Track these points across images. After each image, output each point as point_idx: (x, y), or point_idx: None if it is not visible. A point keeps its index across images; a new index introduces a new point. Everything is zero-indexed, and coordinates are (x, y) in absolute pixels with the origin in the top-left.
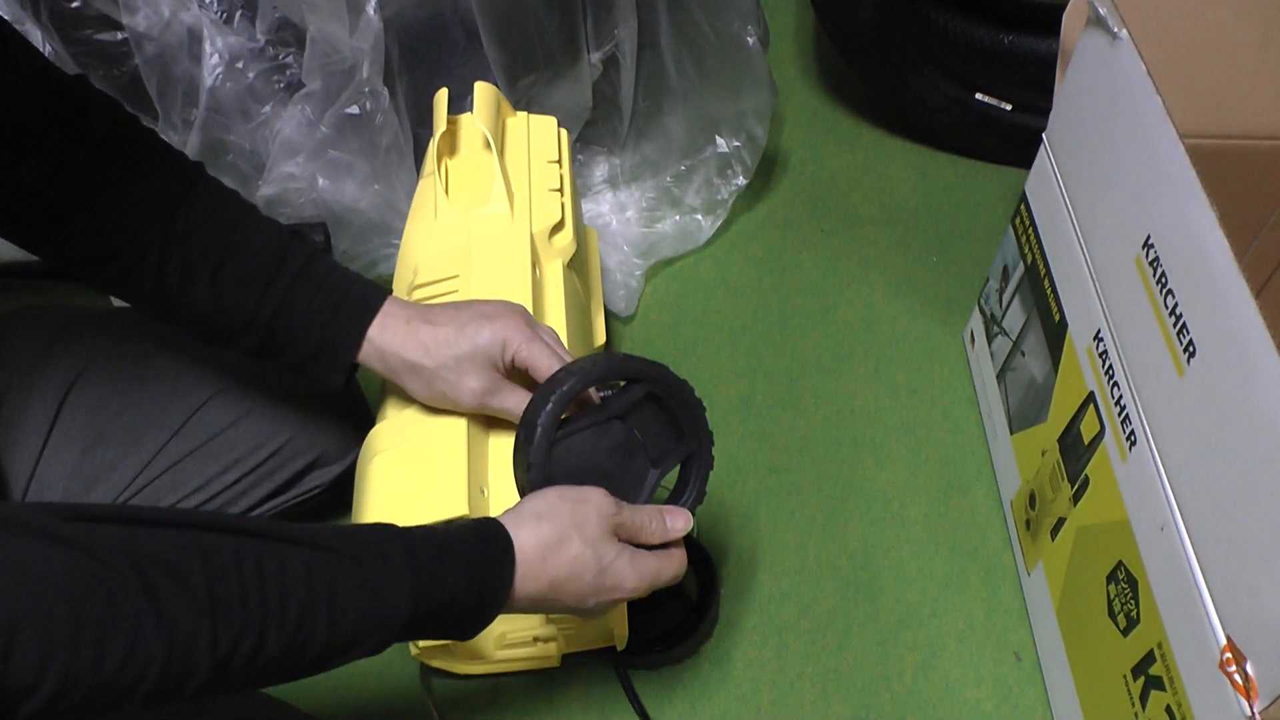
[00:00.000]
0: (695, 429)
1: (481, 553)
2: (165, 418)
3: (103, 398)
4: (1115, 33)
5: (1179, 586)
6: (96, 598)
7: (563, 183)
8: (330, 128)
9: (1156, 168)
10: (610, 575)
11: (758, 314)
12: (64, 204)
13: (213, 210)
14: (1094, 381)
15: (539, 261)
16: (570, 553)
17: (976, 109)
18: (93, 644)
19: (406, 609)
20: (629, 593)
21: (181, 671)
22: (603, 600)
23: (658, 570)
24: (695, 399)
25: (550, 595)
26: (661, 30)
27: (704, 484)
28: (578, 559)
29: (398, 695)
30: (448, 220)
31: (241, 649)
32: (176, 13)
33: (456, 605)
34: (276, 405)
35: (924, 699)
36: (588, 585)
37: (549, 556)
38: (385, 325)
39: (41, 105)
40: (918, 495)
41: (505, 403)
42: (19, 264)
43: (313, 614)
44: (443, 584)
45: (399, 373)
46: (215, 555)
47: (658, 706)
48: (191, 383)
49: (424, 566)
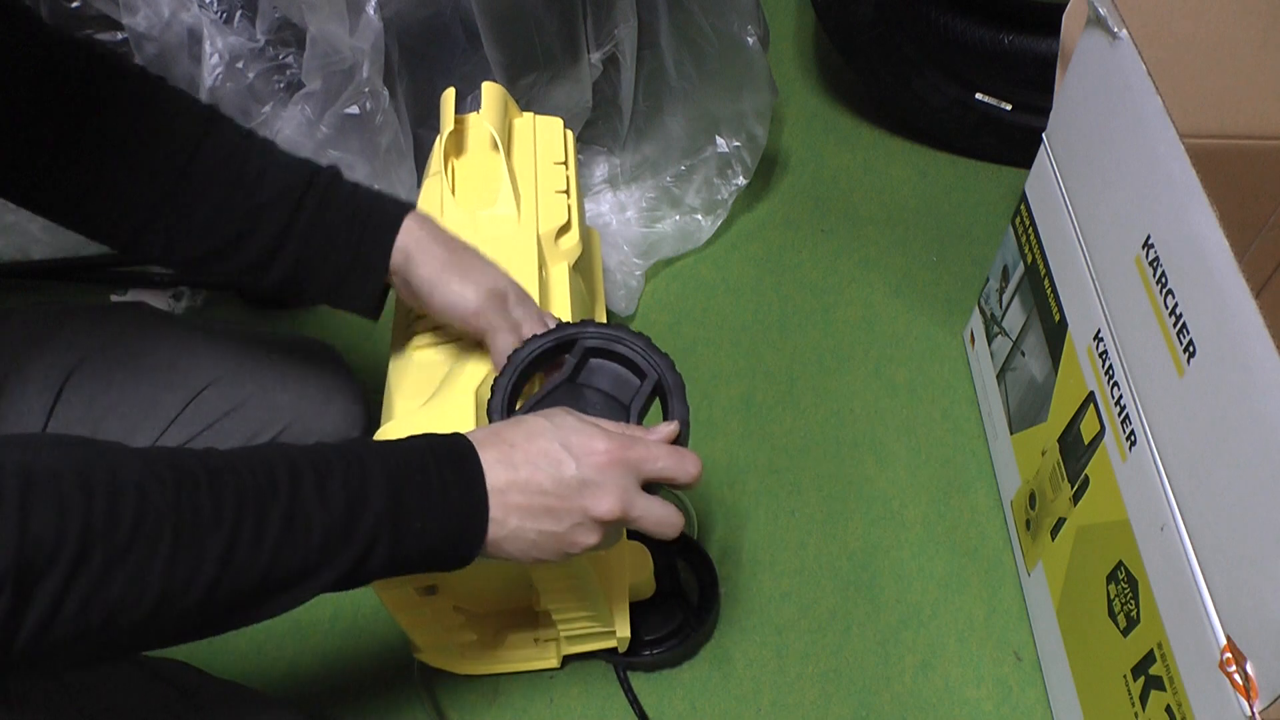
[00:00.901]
0: (649, 359)
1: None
2: (161, 408)
3: (99, 390)
4: (1115, 33)
5: (1179, 586)
6: (101, 470)
7: (569, 184)
8: (330, 128)
9: (1156, 168)
10: (575, 434)
11: (758, 314)
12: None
13: (229, 150)
14: (1094, 381)
15: (545, 263)
16: (520, 424)
17: (976, 109)
18: (103, 503)
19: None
20: (607, 454)
21: (193, 546)
22: (585, 466)
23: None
24: (633, 333)
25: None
26: (661, 30)
27: (683, 402)
28: (529, 423)
29: (398, 695)
30: (454, 220)
31: (244, 526)
32: (176, 13)
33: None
34: (272, 394)
35: (924, 699)
36: (553, 445)
37: (499, 431)
38: (421, 221)
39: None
40: (918, 495)
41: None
42: (19, 264)
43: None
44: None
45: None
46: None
47: (657, 706)
48: (187, 373)
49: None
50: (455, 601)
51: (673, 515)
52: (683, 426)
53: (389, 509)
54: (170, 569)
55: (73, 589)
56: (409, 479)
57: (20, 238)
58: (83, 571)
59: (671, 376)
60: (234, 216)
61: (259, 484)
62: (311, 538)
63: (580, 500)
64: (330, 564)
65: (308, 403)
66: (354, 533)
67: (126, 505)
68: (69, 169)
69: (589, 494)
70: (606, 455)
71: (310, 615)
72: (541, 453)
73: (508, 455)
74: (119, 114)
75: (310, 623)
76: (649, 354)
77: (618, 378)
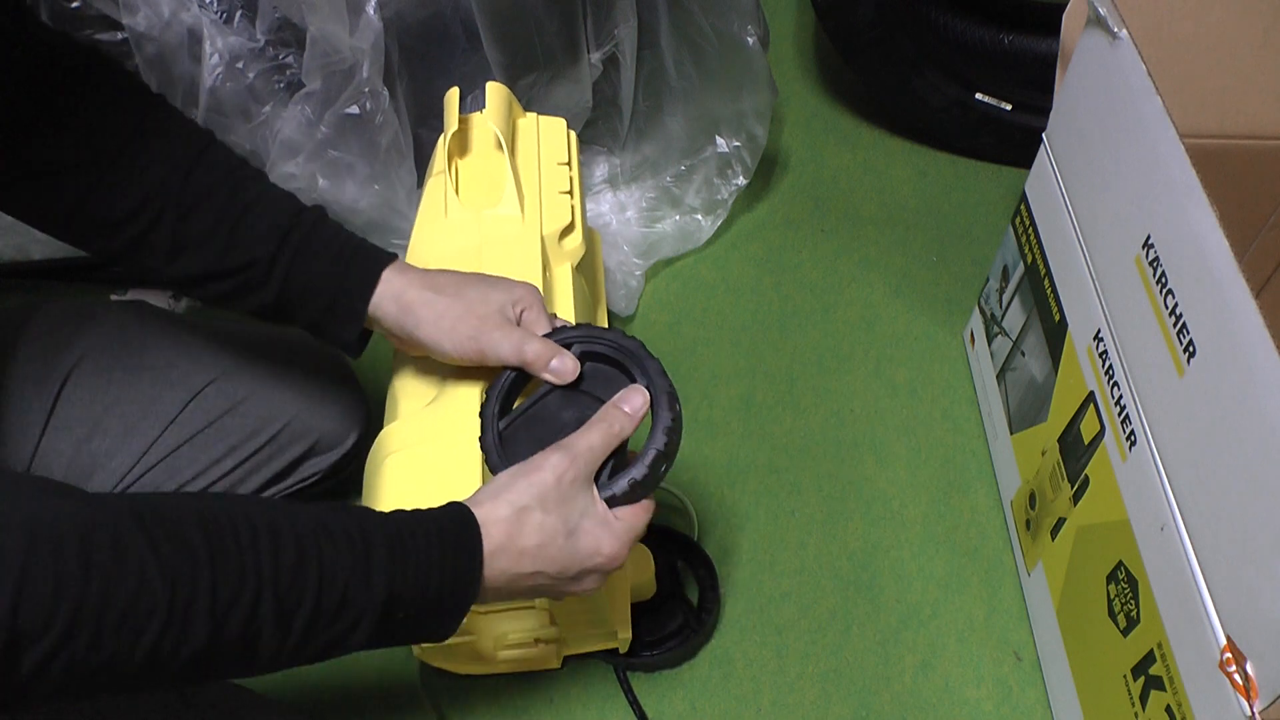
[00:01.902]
0: (639, 364)
1: (449, 528)
2: (161, 407)
3: (99, 389)
4: (1115, 33)
5: (1179, 586)
6: (103, 542)
7: (572, 185)
8: (330, 128)
9: (1156, 168)
10: (584, 537)
11: (758, 314)
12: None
13: (224, 173)
14: (1094, 381)
15: (549, 264)
16: (534, 520)
17: (976, 109)
18: (100, 584)
19: (383, 585)
20: (612, 555)
21: (181, 626)
22: (588, 568)
23: (630, 524)
24: (628, 338)
25: (528, 570)
26: (661, 30)
27: (672, 406)
28: (543, 525)
29: (398, 695)
30: (458, 220)
31: (238, 606)
32: (176, 13)
33: (430, 582)
34: (271, 393)
35: (924, 699)
36: (563, 552)
37: (513, 529)
38: (402, 269)
39: (49, 72)
40: (918, 495)
41: (501, 349)
42: (19, 264)
43: (303, 572)
44: (415, 558)
45: (414, 306)
46: (210, 515)
47: (657, 707)
48: (187, 372)
49: (396, 539)
50: None
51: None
52: (670, 433)
53: (381, 605)
54: (157, 645)
55: (59, 656)
56: (408, 579)
57: (20, 238)
58: (70, 645)
59: (661, 379)
60: (224, 241)
61: (259, 570)
62: (296, 625)
63: (570, 587)
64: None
65: (308, 400)
66: (340, 621)
67: (123, 587)
68: (64, 175)
69: (583, 581)
70: (609, 559)
71: None
72: (550, 559)
73: (515, 563)
74: (119, 122)
75: None
76: (637, 356)
77: (610, 380)
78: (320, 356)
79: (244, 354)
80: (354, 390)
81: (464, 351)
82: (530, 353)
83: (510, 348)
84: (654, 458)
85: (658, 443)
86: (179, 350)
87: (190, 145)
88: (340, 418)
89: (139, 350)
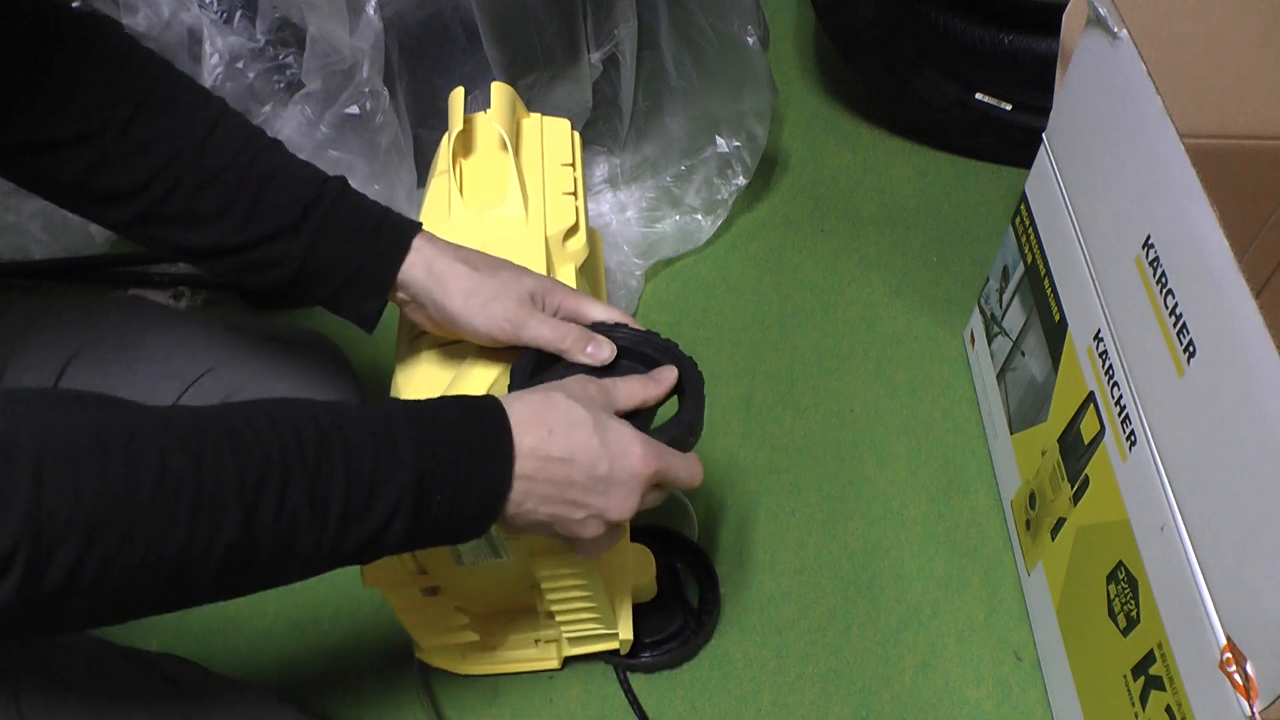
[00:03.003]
0: (675, 360)
1: (470, 403)
2: (157, 396)
3: (95, 379)
4: (1115, 33)
5: (1179, 586)
6: (119, 435)
7: (576, 186)
8: (330, 128)
9: (1156, 168)
10: (614, 434)
11: (758, 314)
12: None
13: (241, 144)
14: (1094, 381)
15: (553, 265)
16: (561, 402)
17: (976, 109)
18: (121, 469)
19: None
20: (644, 461)
21: (213, 514)
22: (618, 473)
23: (667, 450)
24: (671, 343)
25: (558, 453)
26: (661, 30)
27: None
28: (571, 411)
29: (398, 695)
30: (462, 220)
31: (267, 491)
32: (176, 13)
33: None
34: (266, 382)
35: (924, 699)
36: (593, 440)
37: (540, 406)
38: (432, 239)
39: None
40: (918, 495)
41: (540, 330)
42: (19, 264)
43: (329, 452)
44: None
45: (446, 277)
46: (222, 411)
47: (658, 707)
48: (183, 361)
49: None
50: (457, 602)
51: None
52: (695, 427)
53: (414, 484)
54: (189, 538)
55: (88, 560)
56: (437, 454)
57: (20, 238)
58: (98, 542)
59: (693, 374)
60: (243, 214)
61: (284, 451)
62: (331, 512)
63: (601, 499)
64: (350, 535)
65: (303, 391)
66: (376, 507)
67: (145, 474)
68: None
69: (612, 494)
70: (641, 461)
71: (310, 614)
72: (580, 445)
73: (545, 442)
74: (126, 92)
75: (310, 621)
76: (671, 353)
77: None
78: (318, 350)
79: (240, 345)
80: (349, 381)
81: (496, 329)
82: (568, 341)
83: (550, 330)
84: (689, 422)
85: (689, 415)
86: (175, 342)
87: (203, 114)
88: None
89: (136, 342)
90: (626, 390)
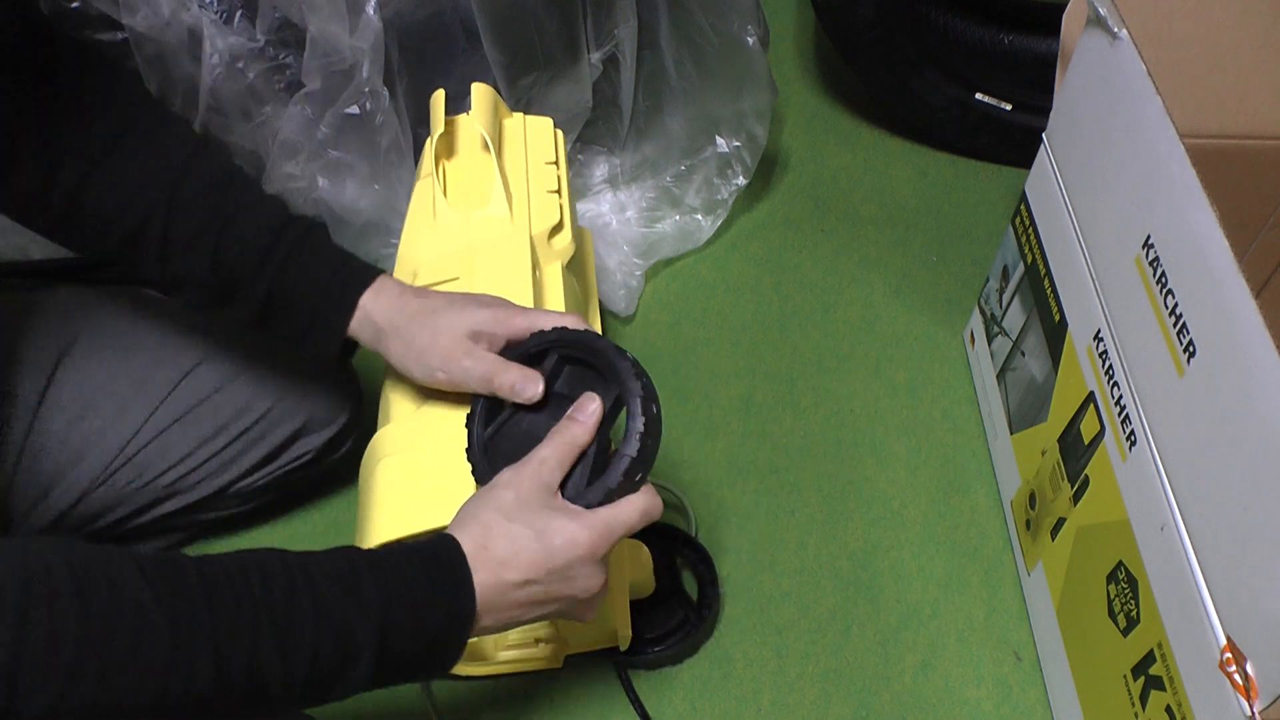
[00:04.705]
0: (610, 368)
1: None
2: (152, 386)
3: (91, 369)
4: (1115, 33)
5: (1179, 586)
6: (99, 584)
7: (560, 184)
8: (330, 128)
9: (1156, 168)
10: (555, 535)
11: (758, 314)
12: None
13: (216, 178)
14: (1094, 381)
15: (539, 263)
16: (500, 529)
17: (976, 109)
18: (100, 621)
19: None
20: (592, 545)
21: (185, 667)
22: (573, 565)
23: (607, 516)
24: (600, 339)
25: (514, 579)
26: (661, 30)
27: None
28: (510, 532)
29: (397, 694)
30: (447, 222)
31: (238, 647)
32: (176, 13)
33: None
34: (262, 371)
35: (924, 699)
36: (539, 553)
37: (482, 539)
38: (380, 291)
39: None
40: (918, 495)
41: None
42: (19, 264)
43: (296, 601)
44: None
45: (385, 335)
46: (204, 562)
47: (658, 706)
48: (177, 351)
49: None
50: None
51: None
52: (643, 456)
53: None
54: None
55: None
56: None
57: (20, 238)
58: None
59: (633, 385)
60: (210, 247)
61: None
62: (299, 662)
63: (567, 586)
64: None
65: (299, 379)
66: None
67: (122, 624)
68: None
69: (576, 579)
70: (587, 547)
71: None
72: (529, 563)
73: (498, 574)
74: (117, 117)
75: None
76: (610, 360)
77: (587, 384)
78: None
79: (236, 335)
80: (345, 371)
81: (433, 382)
82: (495, 381)
83: (477, 377)
84: (628, 465)
85: (630, 449)
86: (171, 332)
87: (184, 146)
88: (330, 396)
89: (131, 332)
90: (556, 455)
